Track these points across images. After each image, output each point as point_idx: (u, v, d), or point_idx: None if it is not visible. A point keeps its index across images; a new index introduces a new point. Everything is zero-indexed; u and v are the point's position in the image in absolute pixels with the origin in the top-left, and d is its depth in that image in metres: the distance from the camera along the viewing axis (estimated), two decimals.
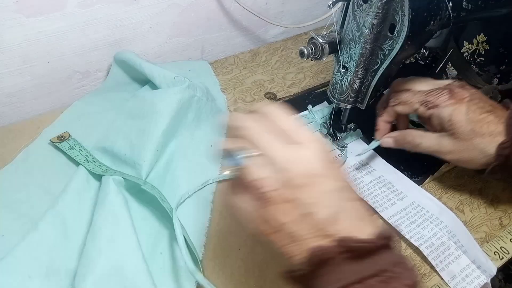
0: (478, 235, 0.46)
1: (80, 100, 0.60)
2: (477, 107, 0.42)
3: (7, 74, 0.55)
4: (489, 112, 0.42)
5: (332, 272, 0.26)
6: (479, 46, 0.55)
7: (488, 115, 0.42)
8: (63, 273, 0.40)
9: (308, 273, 0.27)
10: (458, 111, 0.42)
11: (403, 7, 0.39)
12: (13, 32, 0.52)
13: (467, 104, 0.42)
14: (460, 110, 0.42)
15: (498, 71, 0.55)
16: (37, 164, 0.51)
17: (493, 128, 0.41)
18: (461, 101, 0.42)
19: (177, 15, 0.65)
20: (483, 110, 0.42)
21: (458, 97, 0.43)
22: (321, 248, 0.26)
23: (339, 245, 0.26)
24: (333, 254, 0.26)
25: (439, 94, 0.44)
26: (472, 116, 0.42)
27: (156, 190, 0.44)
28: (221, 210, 0.47)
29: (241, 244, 0.44)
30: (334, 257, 0.26)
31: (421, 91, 0.45)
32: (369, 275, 0.25)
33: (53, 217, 0.43)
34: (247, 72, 0.68)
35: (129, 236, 0.40)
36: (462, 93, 0.43)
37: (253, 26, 0.76)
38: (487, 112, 0.42)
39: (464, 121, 0.42)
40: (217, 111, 0.58)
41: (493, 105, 0.43)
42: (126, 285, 0.38)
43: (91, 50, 0.60)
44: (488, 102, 0.43)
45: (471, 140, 0.42)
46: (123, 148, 0.50)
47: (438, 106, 0.43)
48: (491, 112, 0.42)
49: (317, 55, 0.46)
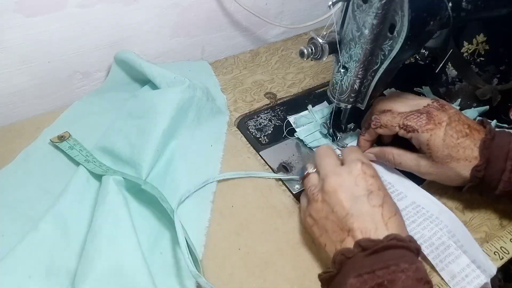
0: (478, 235, 0.46)
1: (80, 100, 0.60)
2: (454, 131, 0.43)
3: (7, 74, 0.55)
4: (466, 136, 0.43)
5: (351, 266, 0.33)
6: (479, 46, 0.55)
7: (465, 139, 0.43)
8: (63, 273, 0.40)
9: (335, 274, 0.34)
10: (435, 136, 0.43)
11: (403, 7, 0.39)
12: (13, 32, 0.52)
13: (445, 128, 0.43)
14: (437, 135, 0.43)
15: (498, 71, 0.55)
16: (37, 164, 0.51)
17: (469, 153, 0.42)
18: (439, 125, 0.43)
19: (177, 15, 0.65)
20: (460, 134, 0.43)
21: (437, 121, 0.44)
22: (343, 250, 0.34)
23: (356, 245, 0.34)
24: (352, 253, 0.34)
25: (418, 118, 0.45)
26: (449, 141, 0.43)
27: (156, 190, 0.44)
28: (221, 210, 0.47)
29: (241, 244, 0.44)
30: (354, 255, 0.34)
31: (401, 113, 0.46)
32: (378, 268, 0.31)
33: (53, 217, 0.43)
34: (247, 72, 0.68)
35: (129, 236, 0.40)
36: (440, 117, 0.44)
37: (253, 26, 0.76)
38: (464, 136, 0.43)
39: (441, 146, 0.43)
40: (217, 111, 0.58)
41: (470, 126, 0.44)
42: (126, 285, 0.38)
43: (91, 50, 0.60)
44: (466, 124, 0.44)
45: (447, 164, 0.43)
46: (123, 148, 0.50)
47: (417, 131, 0.44)
48: (467, 136, 0.43)
49: (317, 55, 0.46)
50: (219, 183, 0.50)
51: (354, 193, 0.38)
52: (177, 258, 0.41)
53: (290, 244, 0.44)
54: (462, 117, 0.45)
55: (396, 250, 0.33)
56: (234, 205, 0.47)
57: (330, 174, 0.40)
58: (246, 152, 0.54)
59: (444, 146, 0.43)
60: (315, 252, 0.43)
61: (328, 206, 0.39)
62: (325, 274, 0.36)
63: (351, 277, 0.32)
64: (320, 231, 0.39)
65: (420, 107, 0.46)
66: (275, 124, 0.59)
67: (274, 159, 0.53)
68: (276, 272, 0.42)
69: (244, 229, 0.45)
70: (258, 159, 0.53)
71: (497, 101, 0.56)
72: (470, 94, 0.58)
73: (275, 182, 0.50)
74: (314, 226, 0.40)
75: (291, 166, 0.53)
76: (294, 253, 0.43)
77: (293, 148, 0.55)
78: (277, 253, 0.43)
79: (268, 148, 0.55)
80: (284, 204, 0.48)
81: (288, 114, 0.60)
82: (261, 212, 0.47)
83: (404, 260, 0.32)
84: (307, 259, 0.43)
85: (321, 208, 0.39)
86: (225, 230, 0.45)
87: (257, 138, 0.56)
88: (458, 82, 0.59)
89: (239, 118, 0.60)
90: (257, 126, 0.58)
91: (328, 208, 0.39)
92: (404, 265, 0.31)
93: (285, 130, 0.57)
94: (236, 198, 0.48)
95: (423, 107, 0.46)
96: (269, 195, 0.49)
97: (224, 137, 0.56)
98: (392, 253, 0.33)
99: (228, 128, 0.57)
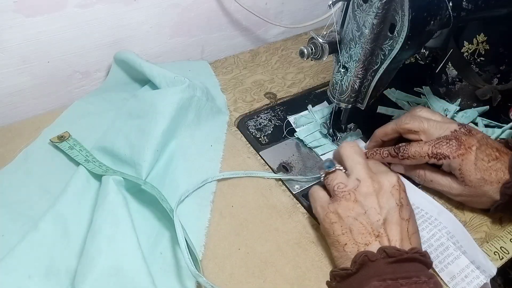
0: (478, 235, 0.46)
1: (80, 100, 0.60)
2: (484, 154, 0.43)
3: (7, 74, 0.55)
4: (496, 159, 0.43)
5: (372, 269, 0.35)
6: (479, 46, 0.55)
7: (495, 162, 0.43)
8: (63, 273, 0.40)
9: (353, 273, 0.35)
10: (467, 161, 0.43)
11: (403, 7, 0.39)
12: (13, 32, 0.52)
13: (475, 153, 0.43)
14: (469, 160, 0.43)
15: (498, 71, 0.55)
16: (37, 164, 0.51)
17: (501, 175, 0.43)
18: (469, 150, 0.43)
19: (177, 15, 0.65)
20: (490, 158, 0.43)
21: (467, 146, 0.44)
22: (367, 252, 0.36)
23: (381, 250, 0.35)
24: (376, 257, 0.35)
25: (447, 144, 0.44)
26: (481, 164, 0.43)
27: (156, 190, 0.44)
28: (221, 210, 0.47)
29: (241, 244, 0.44)
30: (376, 259, 0.35)
31: (428, 142, 0.46)
32: (401, 277, 0.33)
33: (53, 217, 0.43)
34: (247, 72, 0.68)
35: (129, 236, 0.40)
36: (469, 141, 0.44)
37: (253, 26, 0.76)
38: (494, 159, 0.43)
39: (473, 170, 0.43)
40: (217, 111, 0.58)
41: (499, 150, 0.44)
42: (126, 285, 0.38)
43: (91, 50, 0.60)
44: (494, 148, 0.44)
45: (480, 188, 0.43)
46: (123, 148, 0.50)
47: (448, 157, 0.44)
48: (497, 159, 0.43)
49: (317, 55, 0.46)
50: (219, 183, 0.50)
51: (389, 202, 0.39)
52: (177, 258, 0.41)
53: (290, 244, 0.44)
54: (489, 141, 0.45)
55: (417, 264, 0.35)
56: (234, 205, 0.47)
57: (367, 178, 0.40)
58: (246, 152, 0.54)
59: (477, 170, 0.43)
60: (316, 252, 0.43)
61: (361, 207, 0.39)
62: (341, 271, 0.36)
63: (374, 280, 0.33)
64: (343, 229, 0.39)
65: (447, 132, 0.46)
66: (275, 124, 0.59)
67: (274, 159, 0.53)
68: (276, 272, 0.42)
69: (244, 229, 0.45)
70: (258, 159, 0.53)
71: (497, 101, 0.56)
72: (470, 94, 0.58)
73: (275, 182, 0.50)
74: (337, 224, 0.39)
75: (291, 166, 0.53)
76: (294, 253, 0.43)
77: (293, 148, 0.55)
78: (277, 253, 0.43)
79: (268, 148, 0.55)
80: (284, 204, 0.48)
81: (288, 114, 0.60)
82: (261, 212, 0.47)
83: (424, 273, 0.34)
84: (307, 259, 0.43)
85: (352, 208, 0.39)
86: (225, 230, 0.45)
87: (257, 138, 0.56)
88: (458, 82, 0.59)
89: (239, 118, 0.60)
90: (257, 126, 0.58)
91: (360, 210, 0.39)
92: (424, 278, 0.33)
93: (285, 130, 0.57)
94: (236, 198, 0.48)
95: (451, 132, 0.45)
96: (269, 195, 0.49)
97: (224, 137, 0.56)
98: (413, 265, 0.35)
99: (228, 128, 0.57)
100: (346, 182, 0.41)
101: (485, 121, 0.58)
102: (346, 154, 0.44)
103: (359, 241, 0.38)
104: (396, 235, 0.37)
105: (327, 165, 0.44)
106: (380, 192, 0.40)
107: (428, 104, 0.61)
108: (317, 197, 0.43)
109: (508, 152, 0.45)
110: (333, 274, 0.37)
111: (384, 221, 0.38)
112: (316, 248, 0.44)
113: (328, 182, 0.43)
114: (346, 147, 0.44)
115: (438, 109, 0.60)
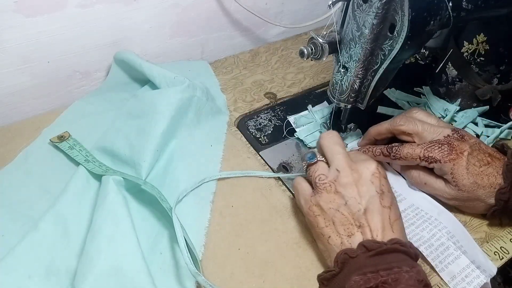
0: (478, 235, 0.46)
1: (80, 100, 0.60)
2: (476, 159, 0.44)
3: (7, 74, 0.55)
4: (488, 164, 0.44)
5: (354, 265, 0.34)
6: (479, 46, 0.55)
7: (487, 167, 0.44)
8: (63, 273, 0.40)
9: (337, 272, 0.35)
10: (458, 166, 0.43)
11: (403, 7, 0.39)
12: (13, 32, 0.52)
13: (467, 158, 0.44)
14: (460, 165, 0.43)
15: (498, 71, 0.55)
16: (37, 164, 0.51)
17: (493, 180, 0.43)
18: (461, 155, 0.44)
19: (177, 15, 0.65)
20: (482, 163, 0.44)
21: (458, 151, 0.44)
22: (346, 250, 0.36)
23: (360, 246, 0.35)
24: (356, 253, 0.35)
25: (439, 149, 0.45)
26: (472, 169, 0.43)
27: (156, 190, 0.44)
28: (221, 210, 0.47)
29: (241, 244, 0.44)
30: (357, 255, 0.35)
31: (420, 144, 0.46)
32: (382, 268, 0.33)
33: (53, 217, 0.43)
34: (247, 72, 0.68)
35: (129, 236, 0.40)
36: (461, 147, 0.44)
37: (253, 26, 0.76)
38: (486, 164, 0.44)
39: (465, 174, 0.43)
40: (217, 111, 0.58)
41: (491, 155, 0.45)
42: (126, 285, 0.38)
43: (91, 50, 0.60)
44: (486, 153, 0.45)
45: (474, 192, 0.43)
46: (123, 148, 0.50)
47: (439, 161, 0.44)
48: (489, 164, 0.44)
49: (317, 55, 0.46)
50: (219, 183, 0.50)
51: (369, 190, 0.39)
52: (176, 258, 0.41)
53: (290, 244, 0.44)
54: (482, 146, 0.45)
55: (398, 254, 0.35)
56: (234, 205, 0.47)
57: (346, 167, 0.40)
58: (246, 152, 0.54)
59: (469, 174, 0.43)
60: (315, 252, 0.43)
61: (341, 198, 0.39)
62: (326, 274, 0.36)
63: (354, 275, 0.33)
64: (326, 222, 0.39)
65: (440, 136, 0.46)
66: (275, 124, 0.59)
67: (274, 159, 0.53)
68: (276, 272, 0.42)
69: (244, 229, 0.45)
70: (258, 159, 0.53)
71: (497, 101, 0.56)
72: (470, 94, 0.58)
73: (275, 182, 0.50)
74: (320, 216, 0.39)
75: (291, 166, 0.53)
76: (294, 253, 0.43)
77: (293, 148, 0.55)
78: (277, 253, 0.43)
79: (268, 148, 0.55)
80: (284, 204, 0.48)
81: (288, 114, 0.60)
82: (261, 212, 0.47)
83: (406, 263, 0.34)
84: (307, 259, 0.43)
85: (333, 199, 0.39)
86: (225, 230, 0.45)
87: (257, 138, 0.56)
88: (458, 82, 0.59)
89: (239, 118, 0.60)
90: (257, 126, 0.58)
91: (341, 201, 0.38)
92: (406, 268, 0.33)
93: (285, 130, 0.57)
94: (236, 198, 0.48)
95: (444, 137, 0.46)
96: (269, 195, 0.49)
97: (224, 137, 0.56)
98: (394, 256, 0.34)
99: (228, 128, 0.57)
100: (327, 173, 0.41)
101: (485, 121, 0.58)
102: (326, 144, 0.43)
103: (341, 232, 0.37)
104: (378, 224, 0.37)
105: (309, 156, 0.43)
106: (360, 181, 0.39)
107: (428, 104, 0.61)
108: (301, 189, 0.43)
109: (501, 157, 0.45)
110: (320, 279, 0.37)
111: (365, 210, 0.37)
112: (316, 248, 0.44)
113: (310, 173, 0.42)
114: (325, 138, 0.44)
115: (438, 109, 0.60)
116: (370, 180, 0.39)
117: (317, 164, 0.42)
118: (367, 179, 0.39)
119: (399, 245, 0.35)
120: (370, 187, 0.39)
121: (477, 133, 0.56)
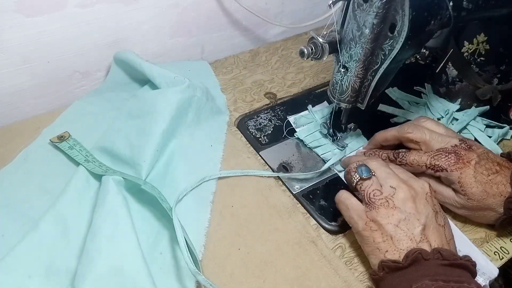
0: (478, 235, 0.46)
1: (80, 100, 0.60)
2: (484, 168, 0.43)
3: (7, 74, 0.55)
4: (496, 173, 0.43)
5: (424, 267, 0.35)
6: (479, 46, 0.55)
7: (496, 176, 0.43)
8: (63, 273, 0.40)
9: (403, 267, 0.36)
10: (465, 174, 0.43)
11: (403, 6, 0.39)
12: (13, 32, 0.52)
13: (474, 167, 0.43)
14: (468, 173, 0.43)
15: (498, 71, 0.55)
16: (37, 164, 0.51)
17: (502, 188, 0.43)
18: (468, 164, 0.43)
19: (177, 15, 0.65)
20: (490, 172, 0.43)
21: (465, 160, 0.44)
22: (421, 250, 0.36)
23: (435, 251, 0.36)
24: (429, 257, 0.36)
25: (446, 157, 0.44)
26: (480, 178, 0.43)
27: (156, 190, 0.44)
28: (221, 210, 0.47)
29: (241, 244, 0.44)
30: (430, 258, 0.35)
31: (427, 152, 0.46)
32: (453, 280, 0.34)
33: (53, 217, 0.43)
34: (247, 72, 0.68)
35: (129, 236, 0.40)
36: (468, 156, 0.44)
37: (253, 26, 0.76)
38: (494, 173, 0.43)
39: (473, 182, 0.43)
40: (217, 111, 0.58)
41: (500, 164, 0.44)
42: (126, 285, 0.38)
43: (91, 50, 0.60)
44: (495, 162, 0.44)
45: (483, 201, 0.43)
46: (123, 148, 0.50)
47: (446, 170, 0.44)
48: (498, 173, 0.43)
49: (317, 55, 0.46)
50: (219, 183, 0.50)
51: (426, 208, 0.39)
52: (177, 258, 0.41)
53: (290, 244, 0.44)
54: (490, 155, 0.45)
55: (466, 271, 0.36)
56: (234, 205, 0.47)
57: (402, 184, 0.40)
58: (246, 152, 0.54)
59: (477, 183, 0.43)
60: (315, 252, 0.43)
61: (401, 214, 0.39)
62: (391, 263, 0.36)
63: (427, 279, 0.34)
64: (384, 237, 0.38)
65: (448, 145, 0.45)
66: (275, 124, 0.59)
67: (274, 159, 0.53)
68: (276, 272, 0.41)
69: (244, 229, 0.45)
70: (258, 159, 0.53)
71: (497, 101, 0.56)
72: (470, 94, 0.58)
73: (275, 182, 0.50)
74: (377, 231, 0.39)
75: (291, 166, 0.53)
76: (294, 253, 0.43)
77: (293, 148, 0.55)
78: (277, 253, 0.43)
79: (268, 148, 0.55)
80: (284, 204, 0.48)
81: (288, 114, 0.60)
82: (261, 212, 0.47)
83: (473, 281, 0.35)
84: (307, 259, 0.43)
85: (391, 215, 0.39)
86: (225, 230, 0.45)
87: (257, 138, 0.56)
88: (458, 82, 0.59)
89: (239, 118, 0.60)
90: (257, 126, 0.58)
91: (400, 216, 0.38)
92: (473, 286, 0.34)
93: (285, 130, 0.57)
94: (236, 198, 0.48)
95: (451, 147, 0.45)
96: (269, 195, 0.49)
97: (224, 137, 0.56)
98: (463, 272, 0.36)
99: (228, 128, 0.57)
100: (381, 189, 0.41)
101: (485, 121, 0.58)
102: (374, 164, 0.43)
103: (400, 247, 0.37)
104: (437, 240, 0.38)
105: (363, 170, 0.42)
106: (417, 198, 0.40)
107: (428, 104, 0.61)
108: (350, 205, 0.42)
109: (509, 166, 0.44)
110: (382, 264, 0.37)
111: (424, 227, 0.38)
112: (316, 248, 0.44)
113: (363, 188, 0.41)
114: (373, 160, 0.44)
115: (438, 108, 0.60)
116: (425, 198, 0.40)
117: (371, 179, 0.42)
118: (422, 197, 0.40)
119: (469, 263, 0.36)
120: (427, 205, 0.40)
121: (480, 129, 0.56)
